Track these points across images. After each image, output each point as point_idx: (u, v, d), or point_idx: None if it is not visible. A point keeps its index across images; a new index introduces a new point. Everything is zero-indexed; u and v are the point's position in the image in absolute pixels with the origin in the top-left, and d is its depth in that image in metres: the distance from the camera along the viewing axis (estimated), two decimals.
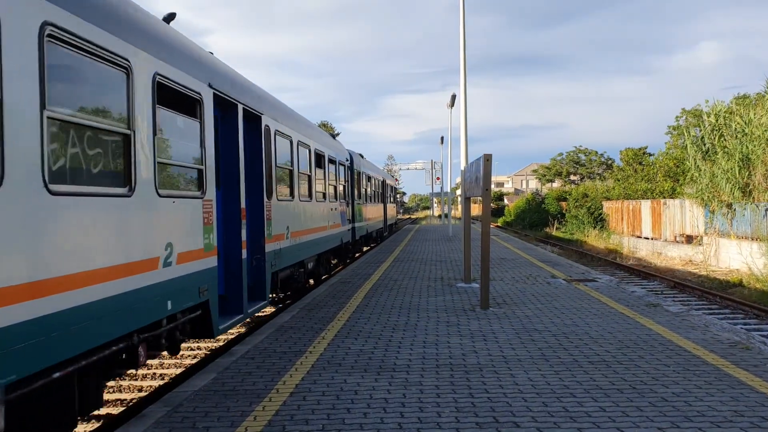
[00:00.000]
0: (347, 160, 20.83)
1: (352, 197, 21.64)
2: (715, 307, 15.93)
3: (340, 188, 18.69)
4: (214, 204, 7.83)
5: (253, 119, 9.94)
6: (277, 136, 11.20)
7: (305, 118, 15.25)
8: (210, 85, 7.85)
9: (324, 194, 16.26)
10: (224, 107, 8.75)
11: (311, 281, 16.14)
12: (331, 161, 17.14)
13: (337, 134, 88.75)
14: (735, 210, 24.01)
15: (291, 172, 12.30)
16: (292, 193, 12.41)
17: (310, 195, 14.09)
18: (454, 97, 33.62)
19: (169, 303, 6.51)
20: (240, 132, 9.03)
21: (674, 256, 27.40)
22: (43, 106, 4.62)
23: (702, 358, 7.38)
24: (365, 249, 28.08)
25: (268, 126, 10.55)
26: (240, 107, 9.03)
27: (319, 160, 15.63)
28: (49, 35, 4.70)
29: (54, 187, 4.68)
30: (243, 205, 8.94)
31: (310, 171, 14.22)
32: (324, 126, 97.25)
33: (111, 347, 5.66)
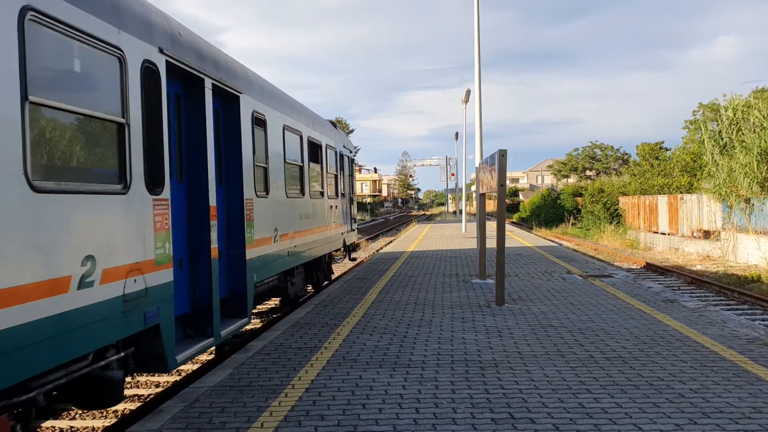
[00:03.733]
0: None
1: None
2: (733, 303, 15.78)
3: None
4: (170, 203, 6.36)
5: (227, 98, 8.43)
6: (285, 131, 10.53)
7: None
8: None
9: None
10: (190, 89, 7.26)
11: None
12: None
13: (352, 131, 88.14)
14: (753, 205, 23.76)
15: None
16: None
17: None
18: (468, 92, 33.50)
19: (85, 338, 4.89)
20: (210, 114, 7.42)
21: (691, 252, 27.17)
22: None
23: (720, 354, 7.31)
24: None
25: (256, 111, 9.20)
26: (209, 81, 7.46)
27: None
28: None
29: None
30: (213, 202, 7.38)
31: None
32: (338, 122, 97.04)
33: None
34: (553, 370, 6.80)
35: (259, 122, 9.33)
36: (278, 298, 12.17)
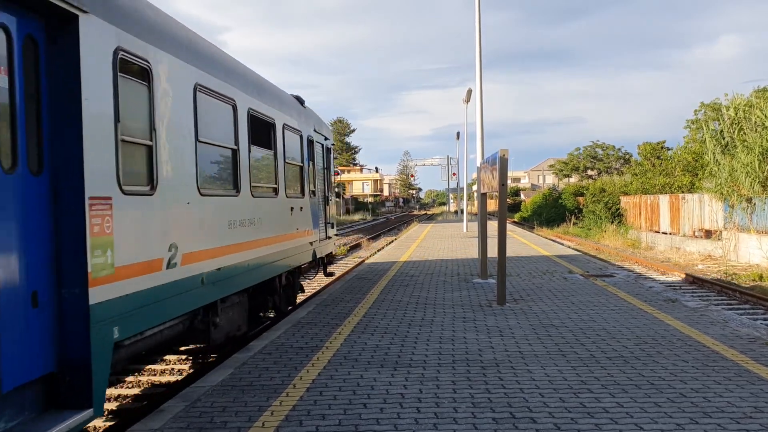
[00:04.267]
0: None
1: None
2: (735, 303, 15.77)
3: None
4: None
5: (53, 17, 4.70)
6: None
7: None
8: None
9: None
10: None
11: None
12: None
13: (353, 130, 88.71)
14: (755, 204, 23.73)
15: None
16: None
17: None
18: (470, 92, 33.49)
19: None
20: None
21: (693, 251, 27.14)
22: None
23: (721, 354, 7.31)
24: None
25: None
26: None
27: None
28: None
29: None
30: None
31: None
32: (340, 122, 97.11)
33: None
34: (554, 370, 6.79)
35: (134, 70, 5.67)
36: (200, 344, 8.59)
